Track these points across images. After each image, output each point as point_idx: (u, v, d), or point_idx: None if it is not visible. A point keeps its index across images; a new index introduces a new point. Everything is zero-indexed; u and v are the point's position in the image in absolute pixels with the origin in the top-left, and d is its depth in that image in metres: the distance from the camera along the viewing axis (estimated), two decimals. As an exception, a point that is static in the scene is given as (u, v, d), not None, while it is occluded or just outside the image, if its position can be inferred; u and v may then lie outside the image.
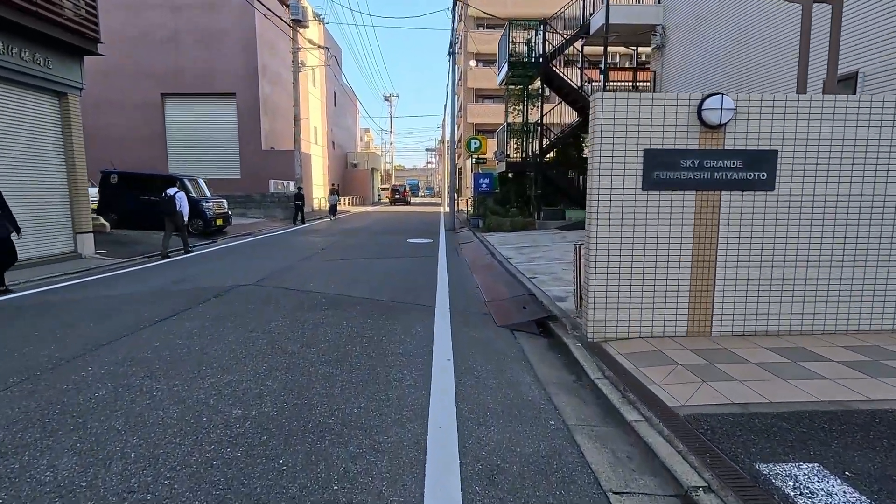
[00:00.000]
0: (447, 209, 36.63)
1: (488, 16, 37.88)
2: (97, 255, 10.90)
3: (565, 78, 15.15)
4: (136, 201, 14.97)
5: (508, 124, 16.06)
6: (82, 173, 10.57)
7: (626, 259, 4.43)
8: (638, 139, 4.33)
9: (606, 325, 4.48)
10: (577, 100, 15.46)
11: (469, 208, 20.59)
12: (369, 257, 10.44)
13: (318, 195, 32.80)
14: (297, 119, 22.16)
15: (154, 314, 5.51)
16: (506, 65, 15.53)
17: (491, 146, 26.29)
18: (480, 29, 37.93)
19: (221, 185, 25.58)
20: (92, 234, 10.96)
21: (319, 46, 25.56)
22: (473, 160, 20.60)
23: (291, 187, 23.99)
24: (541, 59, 15.01)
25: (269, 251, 11.40)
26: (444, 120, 44.59)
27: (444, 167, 52.48)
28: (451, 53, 17.56)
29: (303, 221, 20.78)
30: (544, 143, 15.49)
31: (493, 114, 37.95)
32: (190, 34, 25.56)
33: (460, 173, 37.90)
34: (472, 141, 22.46)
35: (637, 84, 16.44)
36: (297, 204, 20.87)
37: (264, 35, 26.62)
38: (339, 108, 42.94)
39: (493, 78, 39.53)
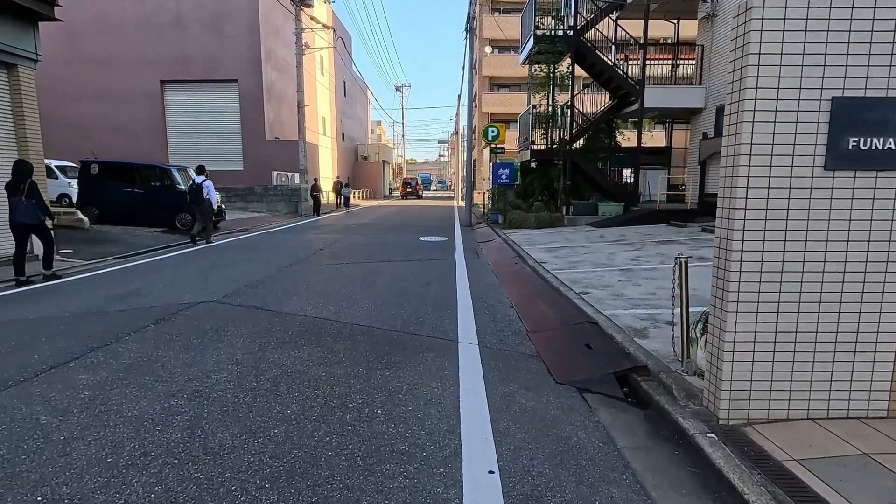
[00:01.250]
0: (462, 203, 34.70)
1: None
2: (58, 257, 9.25)
3: (600, 54, 13.16)
4: (118, 193, 13.35)
5: (533, 106, 14.11)
6: (37, 158, 8.89)
7: (791, 287, 2.57)
8: (822, 79, 2.46)
9: (752, 398, 2.64)
10: (612, 79, 13.47)
11: (486, 202, 18.72)
12: (374, 260, 8.65)
13: (327, 188, 31.10)
14: (300, 105, 20.41)
15: (47, 356, 3.77)
16: (531, 38, 13.57)
17: (510, 137, 24.34)
18: (496, 14, 35.83)
19: (223, 177, 23.97)
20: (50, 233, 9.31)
21: (325, 26, 23.73)
22: (490, 150, 18.69)
23: (296, 179, 22.32)
24: (571, 33, 13.04)
25: (258, 252, 9.67)
26: (457, 111, 42.64)
27: (457, 160, 50.51)
28: (469, 29, 15.65)
29: (318, 214, 20.33)
30: (573, 129, 13.54)
31: (509, 103, 35.91)
32: (191, 18, 23.90)
33: (475, 165, 35.96)
34: (490, 129, 20.55)
35: (678, 63, 14.39)
36: (314, 196, 20.60)
37: (269, 18, 24.88)
38: (350, 99, 41.15)
39: (510, 65, 37.42)
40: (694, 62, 13.98)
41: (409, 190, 42.27)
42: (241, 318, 4.85)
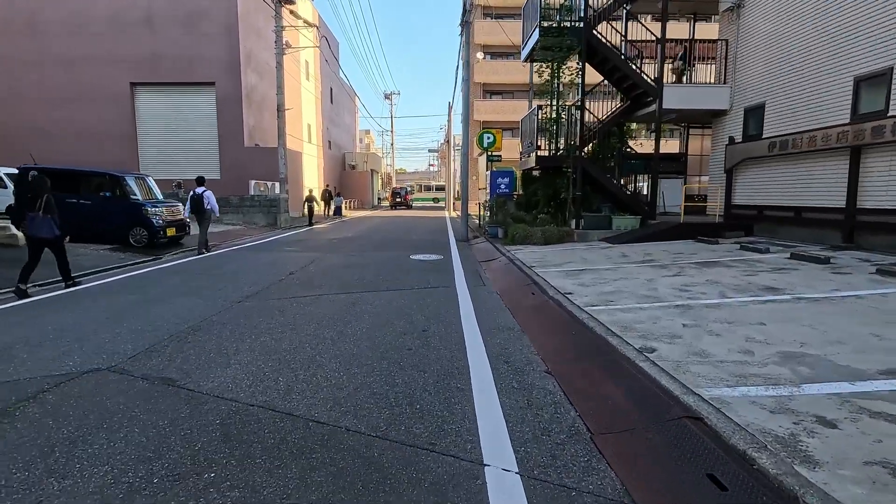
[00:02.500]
0: (454, 214, 33.02)
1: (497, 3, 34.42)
2: (-41, 285, 7.33)
3: (613, 48, 11.59)
4: (61, 205, 11.32)
5: (539, 107, 12.46)
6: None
7: None
8: None
9: None
10: (626, 78, 11.90)
11: (483, 214, 17.04)
12: (355, 289, 6.86)
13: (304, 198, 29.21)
14: (280, 109, 18.61)
15: None
16: (535, 32, 11.96)
17: (509, 145, 22.76)
18: (488, 19, 34.47)
19: (199, 187, 22.11)
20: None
21: (308, 23, 22.00)
22: (487, 158, 17.03)
23: (277, 189, 20.45)
24: (581, 25, 11.46)
25: (213, 278, 7.81)
26: (448, 118, 41.07)
27: (447, 170, 48.92)
28: (465, 23, 14.02)
29: (311, 224, 20.15)
30: (583, 132, 11.91)
31: (502, 110, 34.46)
32: (165, 16, 22.06)
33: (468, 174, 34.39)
34: (485, 135, 18.93)
35: (693, 59, 12.87)
36: (309, 206, 20.40)
37: (249, 18, 23.13)
38: (337, 106, 39.42)
39: (503, 72, 36.04)
40: (712, 61, 12.48)
41: (398, 200, 40.47)
42: (133, 409, 3.04)
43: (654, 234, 11.03)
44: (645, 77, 11.62)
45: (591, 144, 12.91)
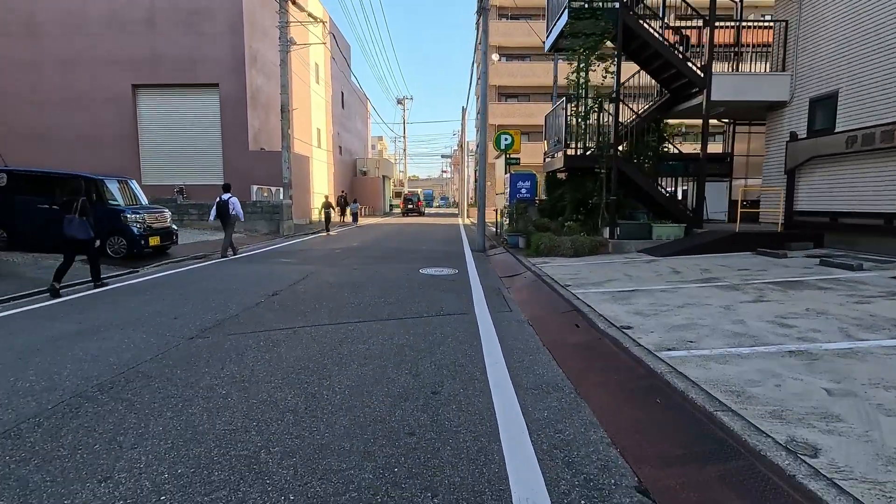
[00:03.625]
0: (468, 221, 31.42)
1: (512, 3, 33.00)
2: None
3: (654, 31, 10.01)
4: (33, 211, 10.12)
5: (567, 99, 10.85)
6: None
7: None
8: None
9: None
10: (667, 66, 10.31)
11: (501, 220, 15.50)
12: (345, 319, 5.34)
13: (318, 204, 27.96)
14: (284, 109, 17.30)
15: None
16: (564, 13, 10.43)
17: (527, 150, 21.22)
18: (503, 19, 33.07)
19: (201, 192, 20.89)
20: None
21: (314, 18, 20.73)
22: (505, 161, 15.51)
23: (281, 195, 19.12)
24: (616, 5, 9.91)
25: (172, 301, 6.33)
26: (462, 123, 39.63)
27: (461, 176, 47.43)
28: (482, 9, 12.56)
29: (328, 231, 19.65)
30: (618, 129, 10.30)
31: (518, 114, 32.97)
32: (166, 15, 20.99)
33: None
34: (502, 136, 17.47)
35: (741, 46, 11.21)
36: (326, 212, 20.07)
37: (255, 16, 21.99)
38: (348, 111, 38.25)
39: (518, 74, 34.53)
40: (767, 48, 10.82)
41: (410, 206, 38.93)
42: None
43: (703, 246, 9.37)
44: (690, 65, 10.01)
45: (624, 143, 11.30)
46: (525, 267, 8.96)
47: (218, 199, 11.42)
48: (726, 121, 12.74)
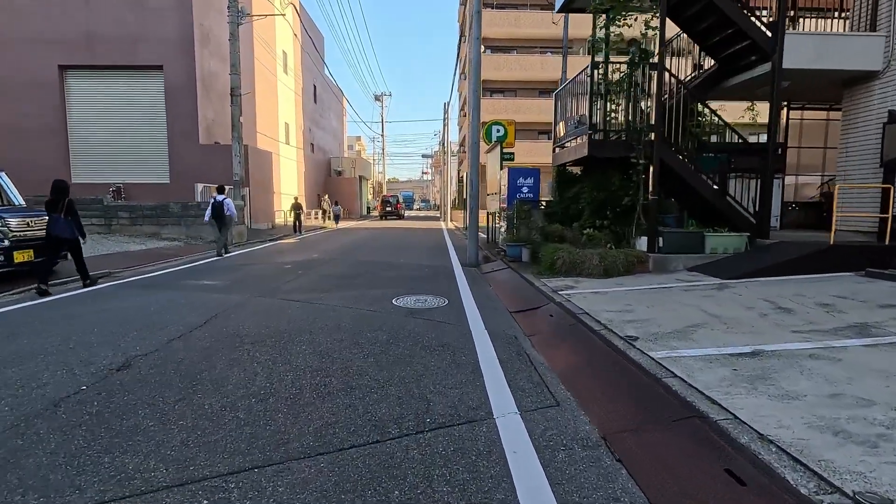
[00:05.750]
0: (451, 225, 28.53)
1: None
2: None
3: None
4: None
5: (596, 65, 7.95)
6: None
7: None
8: None
9: None
10: (721, 24, 7.67)
11: (496, 225, 12.75)
12: (213, 462, 2.49)
13: (287, 206, 24.83)
14: (235, 93, 14.25)
15: None
16: (588, -50, 7.73)
17: (520, 148, 18.49)
18: (488, 9, 30.43)
19: (144, 192, 17.60)
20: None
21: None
22: (500, 155, 12.75)
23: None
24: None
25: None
26: (444, 122, 36.91)
27: (442, 178, 44.57)
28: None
29: (300, 232, 19.28)
30: (659, 104, 7.60)
31: (504, 110, 30.31)
32: (102, -14, 17.70)
33: (464, 179, 30.09)
34: (494, 127, 14.81)
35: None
36: (296, 213, 19.45)
37: (206, -10, 18.82)
38: (322, 106, 35.12)
39: (504, 68, 31.71)
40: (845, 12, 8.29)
41: (388, 209, 35.82)
42: None
43: (782, 265, 6.74)
44: (755, 21, 7.39)
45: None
46: (542, 294, 6.18)
47: (213, 199, 11.67)
48: (785, 103, 10.21)
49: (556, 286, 6.57)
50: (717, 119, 8.16)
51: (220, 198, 11.59)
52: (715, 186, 7.82)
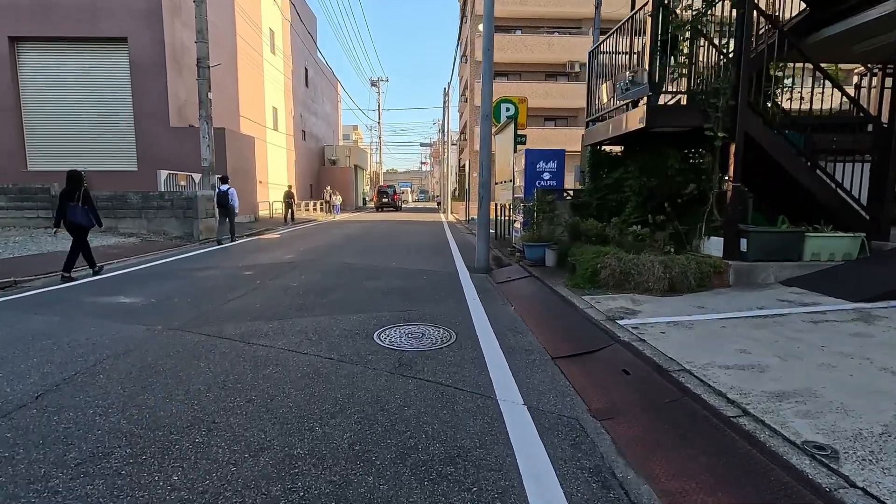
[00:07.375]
0: (452, 218, 26.26)
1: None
2: None
3: None
4: None
5: (664, 4, 5.80)
6: None
7: None
8: None
9: None
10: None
11: (506, 218, 10.67)
12: None
13: (276, 197, 22.71)
14: (201, 64, 12.05)
15: None
16: None
17: (536, 137, 16.28)
18: (492, -15, 27.97)
19: (109, 181, 15.34)
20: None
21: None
22: (514, 135, 10.63)
23: (198, 185, 13.89)
24: None
25: None
26: (444, 110, 34.63)
27: (441, 169, 42.32)
28: None
29: (293, 222, 18.95)
30: (745, 58, 5.49)
31: (507, 94, 28.02)
32: (57, -54, 15.42)
33: (467, 168, 27.89)
34: (503, 104, 12.74)
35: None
36: (288, 202, 19.07)
37: (177, -47, 16.52)
38: (314, 91, 32.81)
39: (507, 48, 29.17)
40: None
41: (385, 200, 33.57)
42: None
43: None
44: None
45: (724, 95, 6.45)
46: (591, 323, 4.12)
47: (217, 189, 11.58)
48: (869, 67, 8.08)
49: (608, 309, 4.52)
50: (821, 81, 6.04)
51: (224, 188, 11.51)
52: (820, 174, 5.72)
